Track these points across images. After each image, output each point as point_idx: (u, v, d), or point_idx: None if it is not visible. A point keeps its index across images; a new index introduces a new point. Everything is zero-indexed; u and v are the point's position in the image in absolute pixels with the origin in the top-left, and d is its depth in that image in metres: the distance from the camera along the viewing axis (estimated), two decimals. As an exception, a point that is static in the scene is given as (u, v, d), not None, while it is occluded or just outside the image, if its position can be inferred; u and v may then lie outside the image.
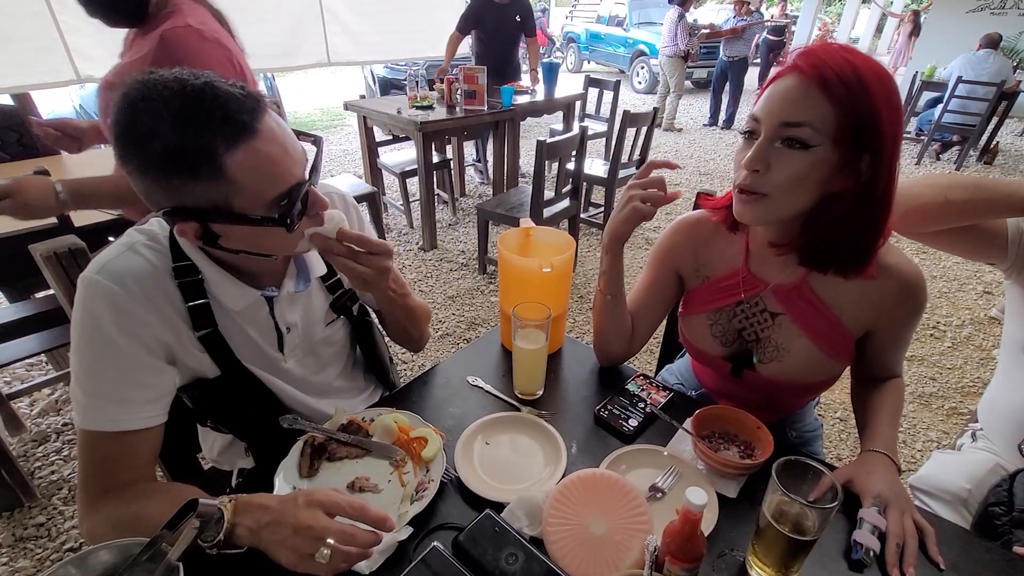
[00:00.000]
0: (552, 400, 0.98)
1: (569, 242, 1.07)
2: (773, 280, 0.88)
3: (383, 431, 0.84)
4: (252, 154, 0.60)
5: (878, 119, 0.68)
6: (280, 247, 0.71)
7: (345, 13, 3.38)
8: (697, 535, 0.59)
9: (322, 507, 0.60)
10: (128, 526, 0.65)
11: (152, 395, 0.72)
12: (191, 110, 0.57)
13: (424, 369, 1.68)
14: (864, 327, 0.88)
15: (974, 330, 2.75)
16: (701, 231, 0.96)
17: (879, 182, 0.72)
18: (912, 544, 0.69)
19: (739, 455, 0.83)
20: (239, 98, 0.59)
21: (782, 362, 0.90)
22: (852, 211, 0.74)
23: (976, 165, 5.61)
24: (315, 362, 0.93)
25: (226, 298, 0.75)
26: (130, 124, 0.58)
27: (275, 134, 0.63)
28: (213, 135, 0.57)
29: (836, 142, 0.69)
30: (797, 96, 0.70)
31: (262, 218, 0.63)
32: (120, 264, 0.69)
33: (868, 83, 0.67)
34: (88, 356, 0.67)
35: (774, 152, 0.72)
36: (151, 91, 0.57)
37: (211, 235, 0.65)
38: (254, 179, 0.61)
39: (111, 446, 0.69)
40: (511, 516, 0.70)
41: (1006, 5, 7.73)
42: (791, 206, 0.75)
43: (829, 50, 0.70)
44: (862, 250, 0.78)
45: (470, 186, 4.58)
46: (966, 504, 0.99)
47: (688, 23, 5.93)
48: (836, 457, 1.95)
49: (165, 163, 0.58)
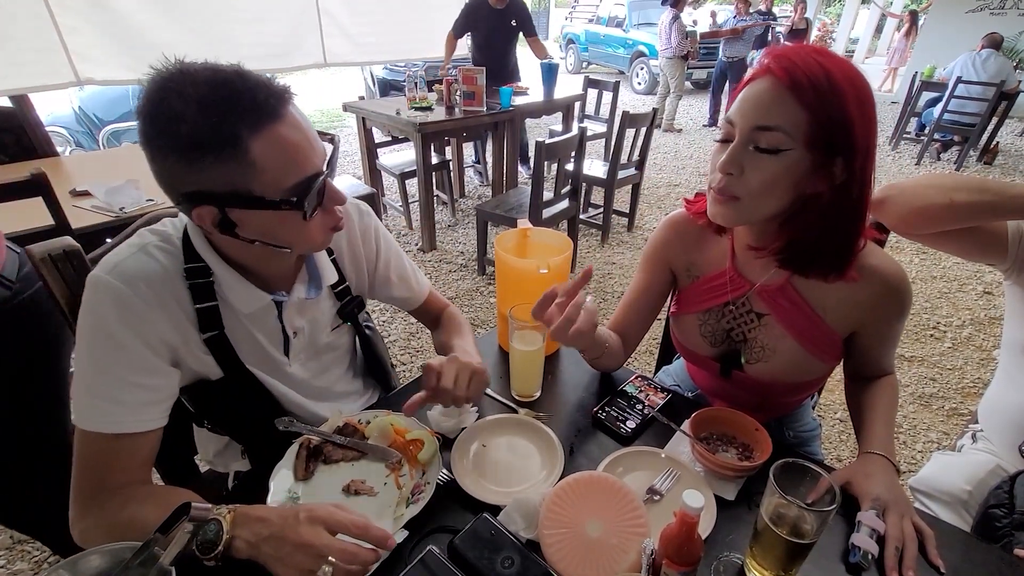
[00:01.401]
0: (549, 402, 0.98)
1: (567, 243, 1.06)
2: (758, 281, 0.89)
3: (379, 433, 0.83)
4: (275, 139, 0.61)
5: (850, 123, 0.69)
6: (295, 239, 0.71)
7: (342, 14, 3.38)
8: (694, 538, 0.58)
9: (324, 524, 0.59)
10: (122, 532, 0.64)
11: (154, 398, 0.72)
12: (220, 94, 0.58)
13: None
14: (849, 327, 0.88)
15: (974, 330, 2.75)
16: (690, 229, 0.96)
17: (853, 185, 0.73)
18: (911, 547, 0.68)
19: (737, 457, 0.83)
20: (266, 86, 0.61)
21: (768, 362, 0.91)
22: (827, 214, 0.75)
23: (976, 165, 5.61)
24: (318, 366, 0.93)
25: (237, 300, 0.75)
26: (160, 104, 0.58)
27: (298, 123, 0.64)
28: (239, 118, 0.59)
29: (808, 145, 0.70)
30: (769, 100, 0.70)
31: (280, 201, 0.64)
32: (131, 265, 0.69)
33: (840, 87, 0.68)
34: (93, 355, 0.67)
35: (747, 156, 0.73)
36: (183, 76, 0.59)
37: (228, 223, 0.65)
38: (275, 163, 0.62)
39: (108, 448, 0.68)
40: (507, 519, 0.70)
41: (1005, 5, 7.74)
42: (764, 208, 0.76)
43: (801, 53, 0.70)
44: (841, 254, 0.78)
45: (469, 187, 4.58)
46: (966, 506, 0.99)
47: (683, 24, 5.92)
48: (836, 458, 1.95)
49: (190, 144, 0.59)
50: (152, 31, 2.61)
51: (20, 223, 1.44)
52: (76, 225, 1.51)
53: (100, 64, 2.48)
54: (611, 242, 3.63)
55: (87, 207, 1.68)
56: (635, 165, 3.51)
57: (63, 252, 0.81)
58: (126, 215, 1.64)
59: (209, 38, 2.80)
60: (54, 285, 0.81)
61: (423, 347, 2.52)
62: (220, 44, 2.85)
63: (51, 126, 3.24)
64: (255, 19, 2.96)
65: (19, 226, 1.43)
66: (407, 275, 1.02)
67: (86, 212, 1.65)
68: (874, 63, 10.57)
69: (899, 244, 3.62)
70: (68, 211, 1.49)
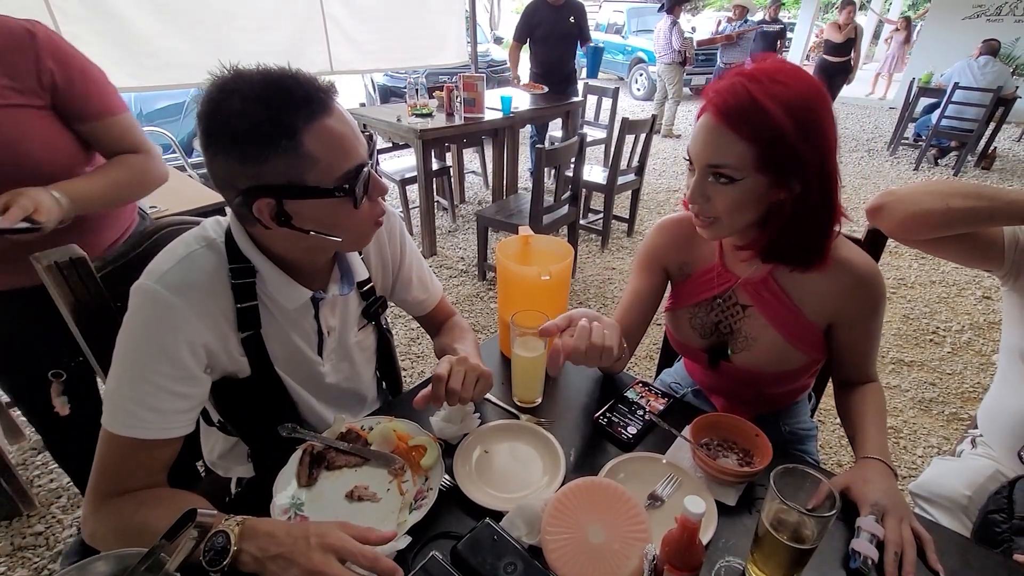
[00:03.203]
0: (551, 408, 0.98)
1: (568, 250, 1.07)
2: (743, 275, 0.94)
3: (382, 439, 0.84)
4: (326, 131, 0.65)
5: (788, 144, 0.73)
6: (347, 227, 0.73)
7: (347, 21, 3.39)
8: (696, 544, 0.59)
9: (335, 553, 0.60)
10: (132, 535, 0.65)
11: (187, 405, 0.73)
12: (276, 89, 0.62)
13: (424, 376, 1.68)
14: (826, 319, 0.93)
15: (974, 335, 2.75)
16: (683, 230, 1.01)
17: (812, 193, 0.79)
18: (910, 552, 0.69)
19: (738, 462, 0.83)
20: (314, 82, 0.65)
21: (751, 352, 0.96)
22: (795, 217, 0.81)
23: (974, 170, 5.64)
24: (350, 367, 0.96)
25: (281, 296, 0.78)
26: (219, 104, 0.62)
27: (344, 117, 0.68)
28: (294, 111, 0.62)
29: (759, 170, 0.76)
30: (714, 138, 0.77)
31: (333, 188, 0.67)
32: (178, 274, 0.70)
33: (770, 113, 0.72)
34: (137, 363, 0.69)
35: (709, 186, 0.80)
36: (238, 78, 0.63)
37: (284, 215, 0.68)
38: (327, 153, 0.65)
39: (135, 452, 0.70)
40: (510, 525, 0.70)
41: (1002, 12, 7.79)
42: (740, 223, 0.84)
43: (735, 84, 0.75)
44: (814, 247, 0.85)
45: (469, 193, 4.59)
46: (966, 511, 0.99)
47: (681, 29, 5.95)
48: (836, 463, 1.95)
49: (248, 140, 0.62)
50: (155, 39, 2.62)
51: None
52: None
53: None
54: (611, 247, 3.65)
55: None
56: (635, 171, 3.53)
57: (69, 260, 0.81)
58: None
59: (212, 46, 2.81)
60: (59, 293, 0.82)
61: (424, 352, 2.53)
62: (223, 52, 2.81)
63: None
64: (259, 27, 2.96)
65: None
66: (425, 278, 1.06)
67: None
68: (872, 69, 10.62)
69: (897, 249, 3.63)
70: (71, 218, 1.49)
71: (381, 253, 0.96)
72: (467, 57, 4.14)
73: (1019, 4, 7.67)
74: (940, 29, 8.33)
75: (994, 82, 5.07)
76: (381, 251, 0.96)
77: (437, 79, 3.98)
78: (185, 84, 2.94)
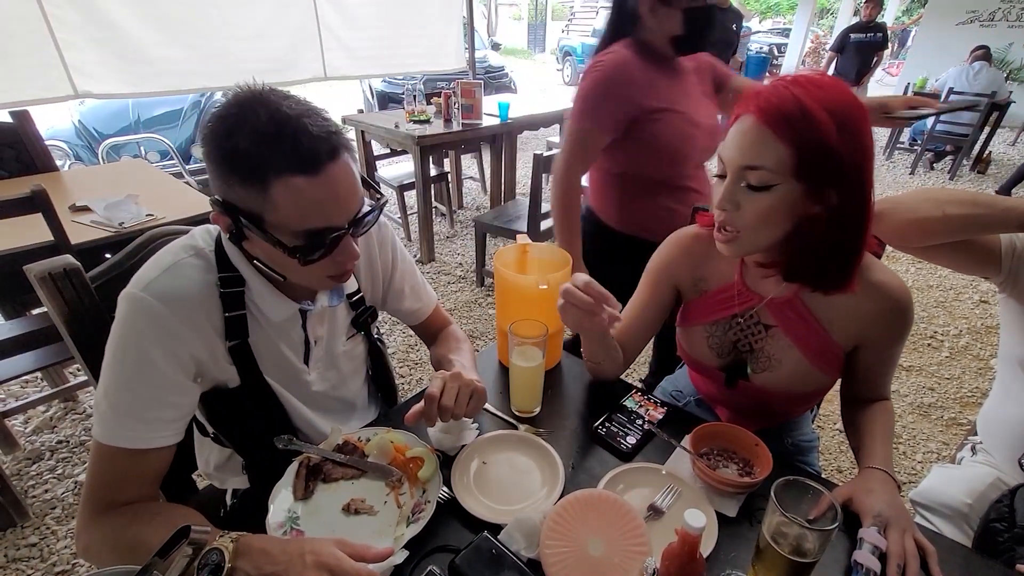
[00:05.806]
0: (549, 417, 0.97)
1: (566, 258, 1.07)
2: (768, 294, 0.90)
3: (379, 451, 0.83)
4: (296, 190, 0.63)
5: (832, 151, 0.70)
6: (290, 274, 0.72)
7: (342, 28, 3.40)
8: (696, 557, 0.58)
9: (330, 571, 0.59)
10: (125, 550, 0.65)
11: (176, 415, 0.73)
12: (268, 131, 0.61)
13: (422, 385, 1.67)
14: (852, 341, 0.89)
15: (972, 339, 2.75)
16: (698, 246, 0.98)
17: (849, 207, 0.75)
18: (913, 564, 0.68)
19: (738, 473, 0.83)
20: (316, 138, 0.63)
21: (773, 372, 0.92)
22: (827, 234, 0.76)
23: (969, 175, 5.67)
24: (337, 376, 0.95)
25: (268, 309, 0.78)
26: (227, 118, 0.62)
27: (333, 181, 0.65)
28: (272, 158, 0.62)
29: (797, 177, 0.73)
30: (752, 140, 0.74)
31: (279, 242, 0.65)
32: (166, 283, 0.70)
33: (815, 118, 0.69)
34: (123, 372, 0.68)
35: (740, 192, 0.76)
36: (257, 101, 0.63)
37: (240, 234, 0.67)
38: (289, 208, 0.64)
39: (126, 463, 0.69)
40: (508, 538, 0.69)
41: (995, 17, 7.86)
42: (764, 239, 0.79)
43: (778, 87, 0.73)
44: (842, 269, 0.80)
45: (467, 199, 4.59)
46: (967, 519, 0.99)
47: None
48: (836, 469, 1.94)
49: (227, 159, 0.63)
50: (150, 47, 2.62)
51: (19, 239, 1.44)
52: (75, 240, 1.51)
53: (98, 79, 2.49)
54: (609, 253, 3.64)
55: (86, 222, 1.67)
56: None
57: (63, 271, 0.81)
58: (126, 230, 1.64)
59: (207, 53, 2.81)
60: (53, 304, 0.81)
61: (421, 359, 2.52)
62: (219, 59, 2.85)
63: (51, 140, 3.24)
64: (254, 35, 2.96)
65: (18, 242, 1.43)
66: (418, 287, 1.04)
67: (85, 228, 1.65)
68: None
69: (895, 255, 3.64)
70: (67, 227, 1.48)
71: (371, 264, 0.95)
72: (465, 63, 4.15)
73: (1012, 9, 7.74)
74: (934, 34, 8.40)
75: (987, 87, 5.12)
76: (371, 262, 0.95)
77: (435, 85, 3.98)
78: (182, 91, 2.94)
